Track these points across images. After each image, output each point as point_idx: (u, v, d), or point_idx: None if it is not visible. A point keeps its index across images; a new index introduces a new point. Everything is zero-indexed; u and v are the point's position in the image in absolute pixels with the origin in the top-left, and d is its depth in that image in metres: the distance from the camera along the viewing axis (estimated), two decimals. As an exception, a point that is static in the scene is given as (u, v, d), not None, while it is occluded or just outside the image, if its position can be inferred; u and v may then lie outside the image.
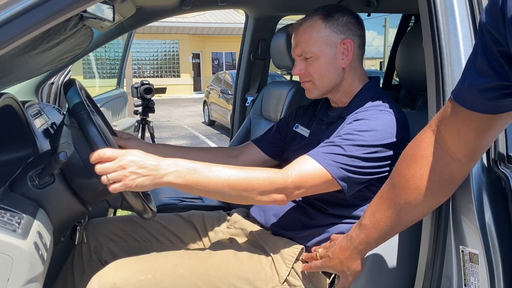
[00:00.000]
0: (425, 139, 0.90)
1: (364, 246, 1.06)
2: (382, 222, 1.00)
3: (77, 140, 1.15)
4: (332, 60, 1.31)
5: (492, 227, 0.94)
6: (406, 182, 0.94)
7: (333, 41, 1.30)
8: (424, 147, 0.90)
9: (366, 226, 1.03)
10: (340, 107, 1.39)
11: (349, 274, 1.12)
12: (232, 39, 21.88)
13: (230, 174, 1.12)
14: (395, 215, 0.98)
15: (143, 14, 2.12)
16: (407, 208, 0.96)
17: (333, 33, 1.30)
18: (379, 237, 1.03)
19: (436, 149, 0.89)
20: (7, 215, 0.99)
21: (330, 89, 1.35)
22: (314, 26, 1.31)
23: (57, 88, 2.59)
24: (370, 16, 2.56)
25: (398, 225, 1.00)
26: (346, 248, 1.09)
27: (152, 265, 1.21)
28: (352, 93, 1.36)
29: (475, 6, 1.01)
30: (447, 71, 1.00)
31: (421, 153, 0.91)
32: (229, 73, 10.90)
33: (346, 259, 1.10)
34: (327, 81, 1.33)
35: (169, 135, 9.72)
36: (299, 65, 1.34)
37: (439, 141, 0.88)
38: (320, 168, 1.17)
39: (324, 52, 1.30)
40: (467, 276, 0.98)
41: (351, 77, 1.35)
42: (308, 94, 1.39)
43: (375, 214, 1.01)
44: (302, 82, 1.37)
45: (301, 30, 1.33)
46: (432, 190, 0.92)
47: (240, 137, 2.51)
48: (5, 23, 0.91)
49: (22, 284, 0.96)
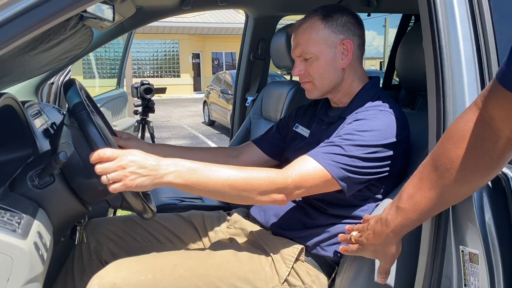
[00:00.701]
0: (471, 118, 0.85)
1: (401, 229, 1.01)
2: (423, 204, 0.95)
3: (77, 140, 1.15)
4: (332, 61, 1.31)
5: (492, 227, 0.94)
6: (451, 164, 0.89)
7: (332, 42, 1.30)
8: (470, 127, 0.85)
9: (404, 209, 0.98)
10: (340, 107, 1.39)
11: (388, 259, 1.08)
12: (232, 39, 21.88)
13: (230, 174, 1.12)
14: (437, 197, 0.93)
15: (143, 14, 2.12)
16: (452, 189, 0.92)
17: (332, 34, 1.30)
18: (418, 219, 0.98)
19: (484, 128, 0.84)
20: (7, 215, 0.99)
21: (330, 90, 1.35)
22: (314, 26, 1.31)
23: (57, 88, 2.59)
24: (370, 16, 2.56)
25: (439, 206, 0.97)
26: (381, 233, 1.04)
27: (152, 265, 1.20)
28: (352, 93, 1.36)
29: (475, 6, 1.01)
30: (447, 71, 1.00)
31: (467, 134, 0.86)
32: (229, 73, 10.90)
33: (382, 245, 1.06)
34: (327, 82, 1.33)
35: (169, 135, 9.72)
36: (299, 66, 1.34)
37: (486, 119, 0.83)
38: (320, 168, 1.17)
39: (323, 52, 1.30)
40: (467, 276, 0.98)
41: (351, 77, 1.35)
42: (308, 95, 1.39)
43: (414, 196, 0.96)
44: (302, 82, 1.37)
45: (301, 31, 1.33)
46: (480, 170, 0.88)
47: (240, 137, 2.51)
48: (5, 23, 0.91)
49: (22, 284, 0.96)
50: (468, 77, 1.00)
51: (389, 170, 1.23)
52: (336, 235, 1.29)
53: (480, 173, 0.88)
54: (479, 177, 0.89)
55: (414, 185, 0.97)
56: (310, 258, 1.31)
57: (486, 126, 0.83)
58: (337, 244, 1.30)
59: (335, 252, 1.30)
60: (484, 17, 1.00)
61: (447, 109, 1.00)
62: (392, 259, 1.08)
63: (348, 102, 1.36)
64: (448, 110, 1.00)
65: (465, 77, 1.00)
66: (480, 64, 1.01)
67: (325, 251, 1.30)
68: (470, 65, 1.01)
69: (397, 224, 1.01)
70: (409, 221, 0.99)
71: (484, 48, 1.00)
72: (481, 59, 1.01)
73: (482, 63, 1.00)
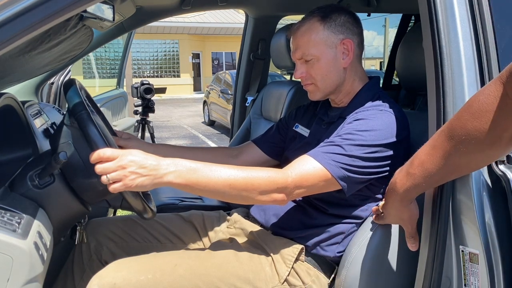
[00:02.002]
0: (494, 92, 0.83)
1: (409, 193, 1.03)
2: (433, 172, 0.95)
3: (77, 140, 1.15)
4: (333, 61, 1.31)
5: (492, 227, 0.94)
6: (467, 135, 0.87)
7: (332, 42, 1.30)
8: (491, 101, 0.83)
9: (413, 175, 0.99)
10: (340, 107, 1.39)
11: (406, 223, 1.10)
12: (232, 39, 21.88)
13: (230, 173, 1.12)
14: (448, 166, 0.93)
15: (143, 14, 2.12)
16: (464, 160, 0.91)
17: (332, 34, 1.30)
18: (427, 185, 1.00)
19: (506, 103, 0.82)
20: (7, 215, 0.99)
21: (332, 90, 1.35)
22: (313, 28, 1.30)
23: (57, 88, 2.59)
24: (370, 16, 2.56)
25: (449, 175, 0.98)
26: (393, 199, 1.07)
27: (152, 265, 1.21)
28: (353, 93, 1.36)
29: (475, 6, 1.01)
30: (447, 71, 1.00)
31: (488, 107, 0.84)
32: (229, 73, 10.89)
33: (396, 210, 1.09)
34: (329, 82, 1.33)
35: (169, 135, 9.72)
36: (300, 68, 1.34)
37: (510, 95, 0.81)
38: (320, 167, 1.17)
39: (324, 53, 1.30)
40: (467, 276, 0.98)
41: (352, 77, 1.35)
42: (311, 97, 1.38)
43: (424, 163, 0.96)
44: (305, 85, 1.37)
45: (300, 33, 1.33)
46: (496, 144, 0.86)
47: (240, 137, 2.51)
48: (5, 23, 0.91)
49: (22, 284, 0.96)
50: (468, 77, 1.00)
51: (389, 170, 1.23)
52: (336, 235, 1.30)
53: (496, 147, 0.86)
54: (494, 151, 0.88)
55: (426, 152, 0.96)
56: (310, 258, 1.31)
57: (508, 101, 0.81)
58: (337, 244, 1.30)
59: (335, 252, 1.30)
60: (484, 17, 1.00)
61: (447, 109, 1.00)
62: (410, 222, 1.09)
63: (348, 102, 1.36)
64: (448, 110, 1.00)
65: (465, 77, 1.00)
66: (480, 64, 1.01)
67: (325, 251, 1.30)
68: (470, 65, 1.01)
69: (406, 189, 1.02)
70: (418, 186, 1.00)
71: (484, 48, 1.00)
72: (481, 59, 1.01)
73: (482, 63, 1.00)
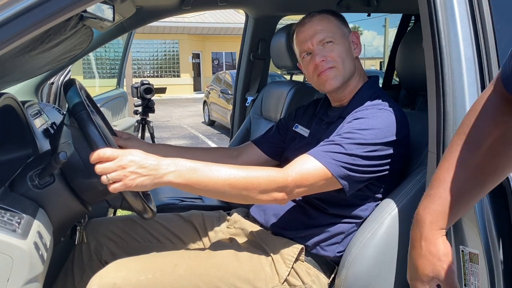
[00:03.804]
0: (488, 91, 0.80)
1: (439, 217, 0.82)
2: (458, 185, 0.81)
3: (77, 140, 1.15)
4: (348, 49, 1.35)
5: (492, 227, 0.94)
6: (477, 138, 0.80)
7: (345, 32, 1.36)
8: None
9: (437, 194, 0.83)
10: (339, 107, 1.39)
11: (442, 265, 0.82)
12: (232, 39, 21.87)
13: (230, 173, 1.12)
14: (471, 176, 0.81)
15: (143, 14, 2.12)
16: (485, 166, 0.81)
17: (343, 26, 1.37)
18: (456, 204, 0.82)
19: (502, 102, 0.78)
20: (7, 215, 0.99)
21: (349, 77, 1.34)
22: (328, 17, 1.36)
23: (57, 88, 2.59)
24: (370, 16, 2.56)
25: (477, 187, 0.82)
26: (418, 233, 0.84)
27: (152, 265, 1.20)
28: (354, 91, 1.36)
29: (475, 6, 1.01)
30: (447, 71, 1.00)
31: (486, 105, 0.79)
32: (229, 73, 10.89)
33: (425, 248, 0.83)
34: (348, 67, 1.34)
35: (169, 135, 9.72)
36: (320, 53, 1.32)
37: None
38: (320, 166, 1.17)
39: (341, 39, 1.34)
40: (467, 276, 0.98)
41: (358, 71, 1.37)
42: (331, 83, 1.32)
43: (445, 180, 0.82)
44: (324, 70, 1.31)
45: (316, 20, 1.35)
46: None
47: (240, 137, 2.51)
48: (5, 23, 0.91)
49: (22, 284, 0.96)
50: (468, 77, 1.00)
51: (389, 169, 1.23)
52: (336, 235, 1.30)
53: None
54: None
55: (444, 168, 0.83)
56: (310, 258, 1.31)
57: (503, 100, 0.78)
58: (337, 244, 1.30)
59: (335, 252, 1.30)
60: (484, 17, 1.01)
61: (447, 109, 1.00)
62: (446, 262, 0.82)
63: (348, 101, 1.37)
64: (448, 110, 1.00)
65: (465, 77, 1.00)
66: (480, 64, 1.01)
67: (325, 251, 1.30)
68: (470, 65, 1.01)
69: (433, 212, 0.82)
70: (446, 206, 0.81)
71: (484, 48, 1.00)
72: (481, 59, 1.01)
73: (482, 63, 1.00)
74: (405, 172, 1.29)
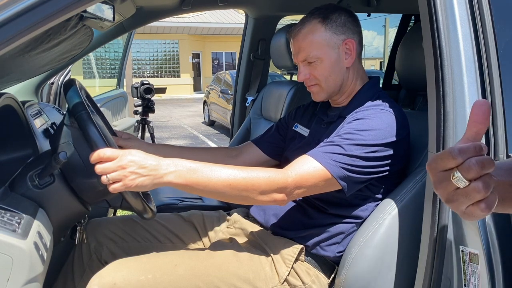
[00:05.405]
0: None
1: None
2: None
3: (77, 140, 1.15)
4: (336, 62, 1.31)
5: (492, 227, 0.94)
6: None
7: (335, 43, 1.30)
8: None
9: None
10: (339, 107, 1.39)
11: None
12: (232, 39, 21.87)
13: (230, 173, 1.12)
14: None
15: (143, 14, 2.12)
16: None
17: (334, 35, 1.30)
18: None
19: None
20: (7, 215, 0.99)
21: (336, 90, 1.35)
22: (314, 30, 1.30)
23: (57, 88, 2.59)
24: (370, 16, 2.55)
25: None
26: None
27: (152, 265, 1.20)
28: (354, 93, 1.36)
29: (475, 6, 1.01)
30: (447, 71, 1.00)
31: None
32: (229, 73, 10.89)
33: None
34: (333, 83, 1.33)
35: (169, 135, 9.72)
36: (304, 71, 1.33)
37: None
38: (320, 167, 1.17)
39: (327, 54, 1.30)
40: (467, 276, 0.98)
41: (354, 76, 1.35)
42: (316, 98, 1.38)
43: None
44: (308, 86, 1.36)
45: (301, 36, 1.32)
46: None
47: (240, 137, 2.51)
48: (5, 23, 0.91)
49: (22, 284, 0.96)
50: (468, 77, 1.00)
51: (389, 170, 1.23)
52: (336, 235, 1.30)
53: None
54: None
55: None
56: (310, 258, 1.31)
57: None
58: (337, 244, 1.30)
59: (335, 252, 1.30)
60: (484, 17, 1.00)
61: (447, 109, 1.00)
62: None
63: (348, 102, 1.36)
64: (448, 110, 1.00)
65: (465, 77, 1.00)
66: (480, 64, 1.01)
67: (325, 251, 1.30)
68: (470, 65, 1.01)
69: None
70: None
71: (484, 48, 1.00)
72: (481, 59, 1.01)
73: (482, 63, 1.00)
74: (405, 172, 1.29)
